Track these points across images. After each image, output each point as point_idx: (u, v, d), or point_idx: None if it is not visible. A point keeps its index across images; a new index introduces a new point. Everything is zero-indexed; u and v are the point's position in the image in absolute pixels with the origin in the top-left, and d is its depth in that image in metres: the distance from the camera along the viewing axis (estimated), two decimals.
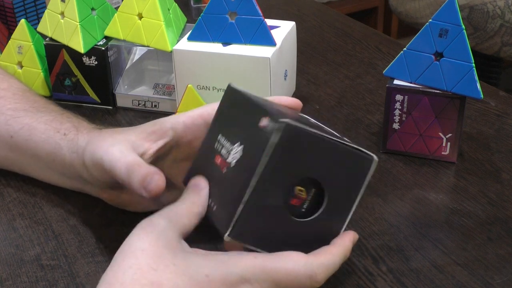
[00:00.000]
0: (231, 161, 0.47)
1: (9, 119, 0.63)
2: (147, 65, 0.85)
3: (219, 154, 0.49)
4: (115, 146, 0.53)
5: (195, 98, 0.67)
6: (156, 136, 0.54)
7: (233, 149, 0.48)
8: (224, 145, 0.49)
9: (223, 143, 0.49)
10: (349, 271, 0.54)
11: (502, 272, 0.54)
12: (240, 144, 0.47)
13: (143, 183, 0.50)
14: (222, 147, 0.49)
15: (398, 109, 0.67)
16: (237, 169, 0.47)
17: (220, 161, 0.49)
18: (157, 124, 0.55)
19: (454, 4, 0.63)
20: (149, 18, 0.75)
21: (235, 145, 0.47)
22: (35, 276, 0.54)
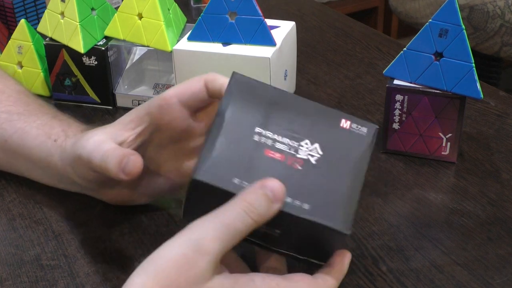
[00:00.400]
0: (307, 158, 0.46)
1: (3, 122, 0.63)
2: (147, 65, 0.85)
3: (269, 149, 0.46)
4: (90, 139, 0.54)
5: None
6: (134, 124, 0.55)
7: (301, 145, 0.47)
8: (277, 140, 0.47)
9: (271, 137, 0.47)
10: (349, 271, 0.54)
11: (502, 272, 0.54)
12: (312, 142, 0.47)
13: (119, 166, 0.50)
14: (273, 141, 0.47)
15: (398, 109, 0.67)
16: (324, 167, 0.47)
17: (280, 157, 0.46)
18: (133, 113, 0.55)
19: (454, 4, 0.63)
20: (149, 18, 0.75)
21: (302, 142, 0.47)
22: (35, 276, 0.54)
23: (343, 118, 0.49)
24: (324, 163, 0.47)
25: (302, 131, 0.47)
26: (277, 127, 0.47)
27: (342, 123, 0.48)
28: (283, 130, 0.47)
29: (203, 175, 0.45)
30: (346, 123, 0.48)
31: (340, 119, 0.48)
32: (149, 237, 0.58)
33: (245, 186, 0.45)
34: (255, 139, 0.47)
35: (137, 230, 0.59)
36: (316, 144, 0.47)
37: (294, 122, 0.48)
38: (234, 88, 0.48)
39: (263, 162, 0.46)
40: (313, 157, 0.47)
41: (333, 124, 0.48)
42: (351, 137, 0.48)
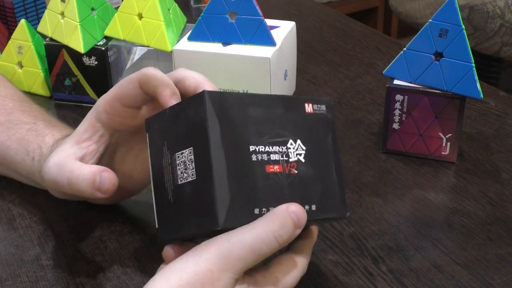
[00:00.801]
0: (297, 159, 0.47)
1: None
2: (147, 65, 0.85)
3: (268, 164, 0.46)
4: (50, 162, 0.53)
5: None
6: (88, 133, 0.54)
7: (288, 148, 0.47)
8: (270, 152, 0.46)
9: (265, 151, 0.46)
10: (349, 271, 0.54)
11: (502, 272, 0.54)
12: (294, 140, 0.48)
13: (93, 185, 0.50)
14: (267, 155, 0.46)
15: (398, 109, 0.67)
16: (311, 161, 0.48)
17: (278, 168, 0.46)
18: (85, 122, 0.55)
19: (454, 4, 0.63)
20: (149, 18, 0.75)
21: (288, 144, 0.47)
22: (35, 276, 0.54)
23: (305, 102, 0.50)
24: (310, 157, 0.48)
25: (282, 131, 0.47)
26: (264, 137, 0.46)
27: (306, 108, 0.49)
28: (270, 138, 0.46)
29: (228, 221, 0.43)
30: (309, 107, 0.49)
31: (303, 105, 0.49)
32: (149, 237, 0.58)
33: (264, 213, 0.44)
34: (254, 159, 0.45)
35: (137, 230, 0.59)
36: (298, 141, 0.48)
37: (273, 124, 0.47)
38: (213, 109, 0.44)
39: (270, 181, 0.45)
40: (301, 155, 0.48)
41: (301, 111, 0.49)
42: (318, 120, 0.50)
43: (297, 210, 0.45)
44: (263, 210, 0.44)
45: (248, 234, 0.43)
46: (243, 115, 0.46)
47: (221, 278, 0.43)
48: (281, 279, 0.46)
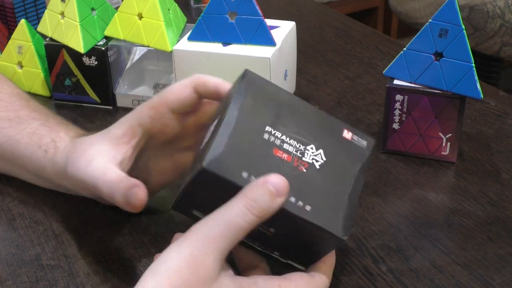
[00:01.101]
0: (312, 162, 0.47)
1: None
2: (147, 65, 0.85)
3: (278, 148, 0.47)
4: (92, 165, 0.53)
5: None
6: (127, 137, 0.54)
7: (307, 149, 0.48)
8: (285, 141, 0.47)
9: (280, 137, 0.47)
10: (349, 271, 0.54)
11: (502, 272, 0.54)
12: (317, 148, 0.48)
13: (125, 199, 0.50)
14: (281, 142, 0.47)
15: (398, 109, 0.67)
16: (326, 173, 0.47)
17: (287, 157, 0.47)
18: (124, 125, 0.55)
19: (454, 4, 0.63)
20: (149, 18, 0.75)
21: (308, 146, 0.48)
22: (35, 276, 0.54)
23: (345, 128, 0.50)
24: (327, 169, 0.48)
25: (308, 136, 0.48)
26: (286, 128, 0.48)
27: (344, 133, 0.50)
28: (291, 132, 0.48)
29: (213, 164, 0.44)
30: (348, 134, 0.50)
31: (342, 129, 0.50)
32: (149, 237, 0.58)
33: (252, 181, 0.45)
34: (265, 138, 0.47)
35: (137, 230, 0.59)
36: (321, 150, 0.48)
37: (301, 126, 0.48)
38: (247, 85, 0.48)
39: (271, 160, 0.46)
40: (317, 162, 0.48)
41: (336, 133, 0.50)
42: (352, 148, 0.50)
43: (275, 179, 0.44)
44: (251, 177, 0.45)
45: (222, 211, 0.44)
46: (275, 104, 0.48)
47: (205, 262, 0.43)
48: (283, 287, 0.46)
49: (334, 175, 0.48)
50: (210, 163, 0.44)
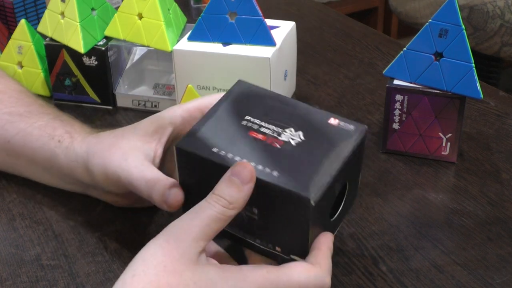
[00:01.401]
0: (288, 140, 0.48)
1: (5, 123, 0.63)
2: (147, 65, 0.85)
3: (254, 131, 0.49)
4: (128, 160, 0.53)
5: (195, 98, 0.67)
6: (158, 134, 0.55)
7: (285, 131, 0.49)
8: (262, 126, 0.49)
9: (258, 123, 0.50)
10: (349, 271, 0.54)
11: (502, 272, 0.54)
12: (296, 130, 0.49)
13: (162, 198, 0.51)
14: (259, 127, 0.49)
15: (398, 109, 0.67)
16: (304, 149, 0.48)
17: (262, 137, 0.49)
18: (156, 122, 0.56)
19: (454, 4, 0.63)
20: (149, 18, 0.75)
21: (286, 129, 0.49)
22: (35, 276, 0.54)
23: (332, 117, 0.50)
24: (304, 146, 0.48)
25: (289, 122, 0.50)
26: (266, 117, 0.50)
27: (330, 120, 0.50)
28: (271, 119, 0.50)
29: (184, 144, 0.48)
30: (335, 121, 0.50)
31: (329, 118, 0.50)
32: (149, 237, 0.58)
33: (222, 155, 0.47)
34: (243, 124, 0.50)
35: (137, 230, 0.59)
36: (300, 132, 0.49)
37: (284, 116, 0.50)
38: (236, 88, 0.52)
39: (244, 140, 0.48)
40: (294, 140, 0.49)
41: (322, 120, 0.50)
42: (337, 131, 0.49)
43: (237, 168, 0.45)
44: (221, 152, 0.47)
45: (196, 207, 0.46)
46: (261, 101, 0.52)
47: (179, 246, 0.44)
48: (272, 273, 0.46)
49: (311, 150, 0.48)
50: (183, 142, 0.48)
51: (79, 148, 0.57)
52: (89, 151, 0.56)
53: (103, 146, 0.56)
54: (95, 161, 0.55)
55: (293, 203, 0.46)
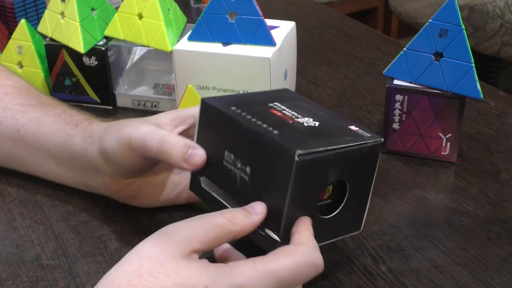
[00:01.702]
0: (302, 121, 0.50)
1: (16, 113, 0.63)
2: (147, 65, 0.85)
3: (276, 110, 0.52)
4: (142, 125, 0.54)
5: (195, 98, 0.67)
6: (177, 121, 0.56)
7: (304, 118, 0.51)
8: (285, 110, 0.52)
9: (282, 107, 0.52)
10: (349, 271, 0.54)
11: (502, 272, 0.54)
12: (314, 120, 0.51)
13: (183, 155, 0.51)
14: (282, 109, 0.52)
15: (398, 109, 0.67)
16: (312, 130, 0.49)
17: (281, 115, 0.51)
18: (179, 111, 0.57)
19: (454, 4, 0.63)
20: (149, 18, 0.75)
21: (306, 117, 0.51)
22: (35, 276, 0.54)
23: (354, 124, 0.51)
24: (314, 128, 0.49)
25: (310, 115, 0.52)
26: (291, 107, 0.52)
27: (351, 126, 0.51)
28: (295, 109, 0.52)
29: (209, 98, 0.52)
30: (355, 128, 0.51)
31: (351, 124, 0.52)
32: None
33: (238, 112, 0.50)
34: (270, 105, 0.53)
35: (137, 230, 0.59)
36: (317, 122, 0.50)
37: (309, 111, 0.52)
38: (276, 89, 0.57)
39: (263, 111, 0.51)
40: (307, 124, 0.50)
41: (342, 123, 0.52)
42: (352, 133, 0.50)
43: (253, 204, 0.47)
44: (238, 110, 0.50)
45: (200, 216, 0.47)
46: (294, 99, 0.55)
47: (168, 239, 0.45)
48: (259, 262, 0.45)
49: (319, 133, 0.49)
50: (208, 98, 0.52)
51: (98, 128, 0.58)
52: (106, 129, 0.57)
53: (121, 122, 0.56)
54: (109, 133, 0.56)
55: (280, 157, 0.46)
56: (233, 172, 0.49)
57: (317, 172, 0.47)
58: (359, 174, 0.50)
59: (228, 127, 0.50)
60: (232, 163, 0.50)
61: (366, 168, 0.51)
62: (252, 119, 0.49)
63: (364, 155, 0.49)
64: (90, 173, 0.60)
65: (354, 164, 0.49)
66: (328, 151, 0.46)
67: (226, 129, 0.50)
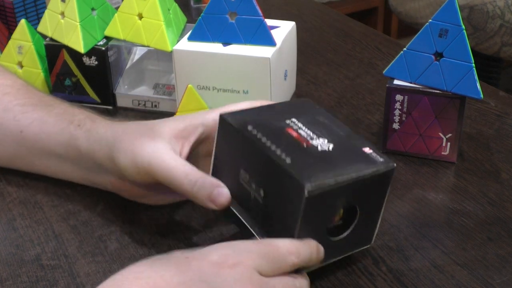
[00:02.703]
0: (316, 145, 0.50)
1: (17, 114, 0.63)
2: (147, 65, 0.85)
3: (292, 129, 0.52)
4: (160, 151, 0.52)
5: (195, 98, 0.67)
6: (187, 132, 0.55)
7: (318, 139, 0.51)
8: (302, 128, 0.52)
9: (299, 125, 0.52)
10: (349, 271, 0.54)
11: (502, 272, 0.54)
12: (329, 142, 0.51)
13: (210, 197, 0.51)
14: (298, 128, 0.52)
15: (398, 109, 0.67)
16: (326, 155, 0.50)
17: (296, 135, 0.51)
18: (187, 120, 0.55)
19: (454, 4, 0.63)
20: (149, 18, 0.75)
21: (321, 138, 0.51)
22: (35, 276, 0.54)
23: (368, 146, 0.51)
24: (327, 154, 0.50)
25: (326, 135, 0.52)
26: (308, 124, 0.53)
27: (365, 148, 0.51)
28: (311, 127, 0.52)
29: (229, 115, 0.53)
30: (369, 150, 0.51)
31: (366, 146, 0.52)
32: (149, 237, 0.58)
33: (255, 134, 0.51)
34: (286, 122, 0.53)
35: (137, 230, 0.59)
36: (331, 144, 0.51)
37: (326, 129, 0.53)
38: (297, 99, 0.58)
39: (279, 131, 0.51)
40: (322, 147, 0.50)
41: (357, 144, 0.52)
42: (365, 156, 0.51)
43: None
44: (254, 131, 0.51)
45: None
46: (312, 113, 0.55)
47: None
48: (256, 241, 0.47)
49: (332, 160, 0.49)
50: (227, 113, 0.53)
51: (104, 131, 0.57)
52: (115, 136, 0.55)
53: (131, 134, 0.55)
54: (122, 146, 0.54)
55: (291, 188, 0.47)
56: (248, 191, 0.51)
57: (327, 202, 0.48)
58: (370, 197, 0.51)
59: (244, 148, 0.51)
60: (247, 183, 0.51)
61: (377, 191, 0.51)
62: (267, 142, 0.50)
63: (375, 181, 0.50)
64: (98, 172, 0.59)
65: (365, 190, 0.50)
66: (339, 183, 0.47)
67: (243, 149, 0.51)
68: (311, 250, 0.48)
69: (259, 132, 0.50)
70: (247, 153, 0.51)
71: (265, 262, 0.45)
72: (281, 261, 0.46)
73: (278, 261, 0.46)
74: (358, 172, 0.48)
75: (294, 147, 0.49)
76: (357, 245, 0.53)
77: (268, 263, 0.45)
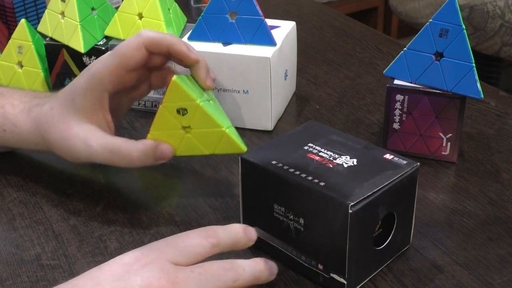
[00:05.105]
0: (341, 163, 0.52)
1: None
2: None
3: (312, 154, 0.54)
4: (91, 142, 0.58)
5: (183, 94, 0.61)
6: (98, 105, 0.59)
7: (341, 157, 0.53)
8: (321, 151, 0.54)
9: (318, 149, 0.54)
10: None
11: (502, 272, 0.54)
12: (351, 157, 0.53)
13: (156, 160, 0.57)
14: (318, 151, 0.54)
15: (398, 109, 0.67)
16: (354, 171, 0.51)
17: (318, 159, 0.53)
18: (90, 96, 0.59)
19: (455, 4, 0.63)
20: (149, 18, 0.75)
21: (343, 156, 0.53)
22: (35, 276, 0.54)
23: (388, 153, 0.54)
24: (355, 168, 0.51)
25: (346, 152, 0.54)
26: (326, 146, 0.55)
27: (386, 155, 0.54)
28: (330, 148, 0.54)
29: (247, 155, 0.54)
30: (390, 156, 0.54)
31: (385, 153, 0.54)
32: (149, 237, 0.58)
33: (280, 166, 0.52)
34: (305, 148, 0.54)
35: (137, 230, 0.59)
36: (354, 159, 0.53)
37: (344, 147, 0.55)
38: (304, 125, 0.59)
39: (301, 158, 0.53)
40: (347, 164, 0.52)
41: (377, 153, 0.54)
42: (389, 163, 0.53)
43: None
44: (279, 164, 0.52)
45: None
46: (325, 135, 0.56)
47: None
48: None
49: (362, 173, 0.51)
50: (247, 154, 0.54)
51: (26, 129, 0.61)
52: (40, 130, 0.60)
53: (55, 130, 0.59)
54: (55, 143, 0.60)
55: (333, 209, 0.48)
56: (286, 223, 0.52)
57: (369, 214, 0.49)
58: (403, 200, 0.53)
59: (274, 183, 0.52)
60: (283, 215, 0.52)
61: (408, 192, 0.53)
62: (295, 172, 0.51)
63: (405, 183, 0.52)
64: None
65: (398, 195, 0.52)
66: (375, 193, 0.49)
67: (273, 184, 0.52)
68: (234, 230, 0.48)
69: (285, 165, 0.52)
70: (279, 187, 0.52)
71: (178, 252, 0.45)
72: (195, 246, 0.45)
73: (193, 246, 0.45)
74: (389, 178, 0.50)
75: (322, 170, 0.51)
76: (398, 249, 0.55)
77: (182, 252, 0.45)
